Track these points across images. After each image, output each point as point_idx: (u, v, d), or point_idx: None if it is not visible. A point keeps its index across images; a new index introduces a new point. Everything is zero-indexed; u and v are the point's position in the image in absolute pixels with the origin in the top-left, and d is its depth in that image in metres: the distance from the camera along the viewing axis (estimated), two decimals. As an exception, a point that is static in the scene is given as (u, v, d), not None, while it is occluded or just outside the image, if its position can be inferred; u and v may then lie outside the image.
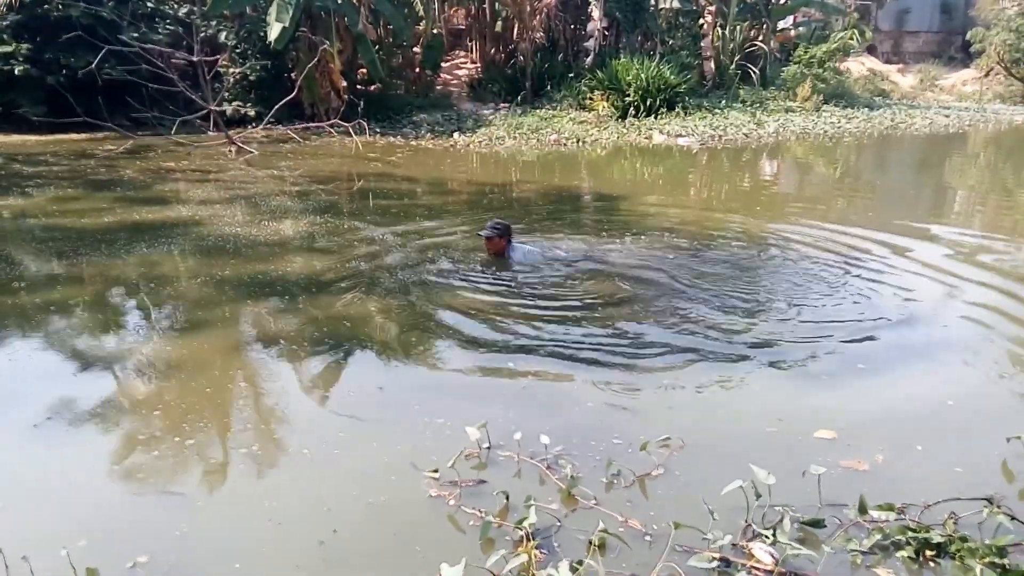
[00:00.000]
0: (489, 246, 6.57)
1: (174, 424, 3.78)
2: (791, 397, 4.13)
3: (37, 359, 4.69)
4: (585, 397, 4.08)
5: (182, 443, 3.61)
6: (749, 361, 4.55)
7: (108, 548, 2.83)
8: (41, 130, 16.00)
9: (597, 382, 4.25)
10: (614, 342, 4.82)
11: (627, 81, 18.31)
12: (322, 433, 3.74)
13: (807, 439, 3.61)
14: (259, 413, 3.97)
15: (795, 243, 7.36)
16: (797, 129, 18.23)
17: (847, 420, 3.80)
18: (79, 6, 16.04)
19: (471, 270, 6.34)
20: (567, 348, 4.71)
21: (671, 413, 3.93)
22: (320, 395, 4.21)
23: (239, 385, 4.29)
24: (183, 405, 4.00)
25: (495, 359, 4.57)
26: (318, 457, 3.50)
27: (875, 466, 3.35)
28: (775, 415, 3.86)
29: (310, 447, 3.59)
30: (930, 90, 28.48)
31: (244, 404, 4.07)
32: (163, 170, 12.13)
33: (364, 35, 17.30)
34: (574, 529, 2.90)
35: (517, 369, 4.42)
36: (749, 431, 3.73)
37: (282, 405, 4.06)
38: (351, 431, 3.76)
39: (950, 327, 5.16)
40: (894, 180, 13.13)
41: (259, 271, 6.35)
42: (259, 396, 4.18)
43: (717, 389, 4.21)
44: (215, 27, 17.89)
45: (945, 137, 18.95)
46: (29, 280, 6.14)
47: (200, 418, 3.86)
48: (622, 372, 4.39)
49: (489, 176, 12.68)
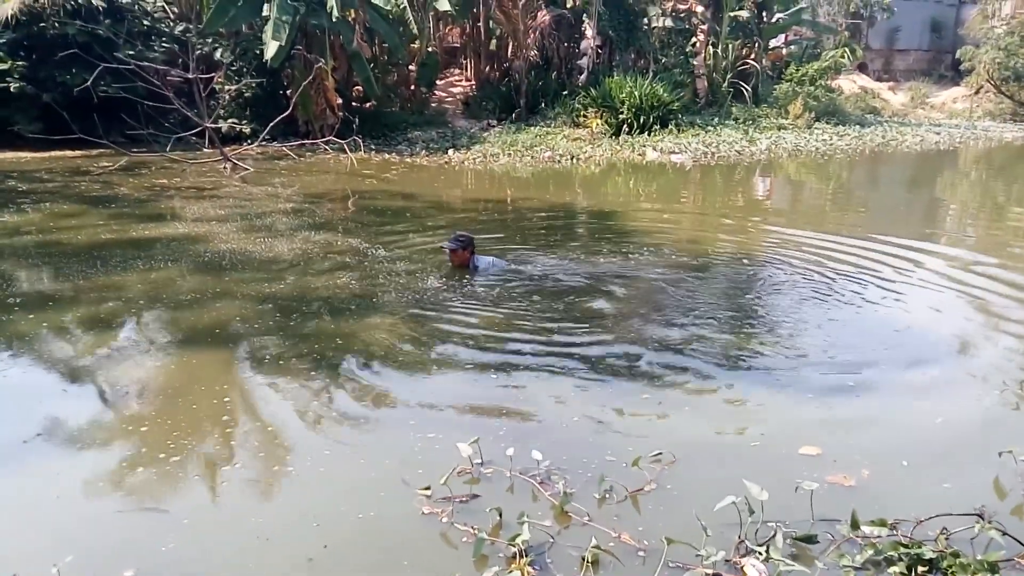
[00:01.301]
0: (453, 258, 6.76)
1: (161, 441, 3.77)
2: (777, 412, 4.14)
3: (29, 376, 4.67)
4: (574, 412, 4.08)
5: (170, 460, 3.60)
6: (737, 376, 4.58)
7: (95, 564, 2.82)
8: (36, 147, 15.97)
9: (586, 397, 4.27)
10: (603, 357, 4.84)
11: (620, 99, 18.44)
12: (310, 450, 3.74)
13: (791, 455, 3.62)
14: (247, 430, 3.96)
15: (787, 259, 7.40)
16: (789, 146, 18.36)
17: (832, 436, 3.81)
18: (75, 24, 16.09)
19: (461, 288, 6.35)
20: (556, 364, 4.72)
21: (659, 428, 3.94)
22: (309, 412, 4.19)
23: (227, 403, 4.28)
24: (170, 422, 3.99)
25: (485, 376, 4.58)
26: (307, 474, 3.50)
27: (862, 482, 3.36)
28: (759, 431, 3.87)
29: (298, 464, 3.59)
30: (921, 107, 28.74)
31: (232, 421, 4.05)
32: (158, 187, 12.14)
33: (359, 53, 17.39)
34: (567, 545, 2.90)
35: (507, 385, 4.44)
36: (735, 446, 3.74)
37: (271, 422, 4.05)
38: (340, 448, 3.76)
39: (941, 344, 5.19)
40: (886, 196, 13.23)
41: (251, 289, 6.34)
42: (247, 413, 4.17)
43: (705, 404, 4.23)
44: (211, 45, 17.95)
45: (936, 154, 19.11)
46: (23, 297, 6.12)
47: (187, 435, 3.85)
48: (611, 387, 4.42)
49: (484, 193, 12.73)
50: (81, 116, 15.00)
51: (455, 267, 6.77)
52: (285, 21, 15.52)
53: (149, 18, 18.29)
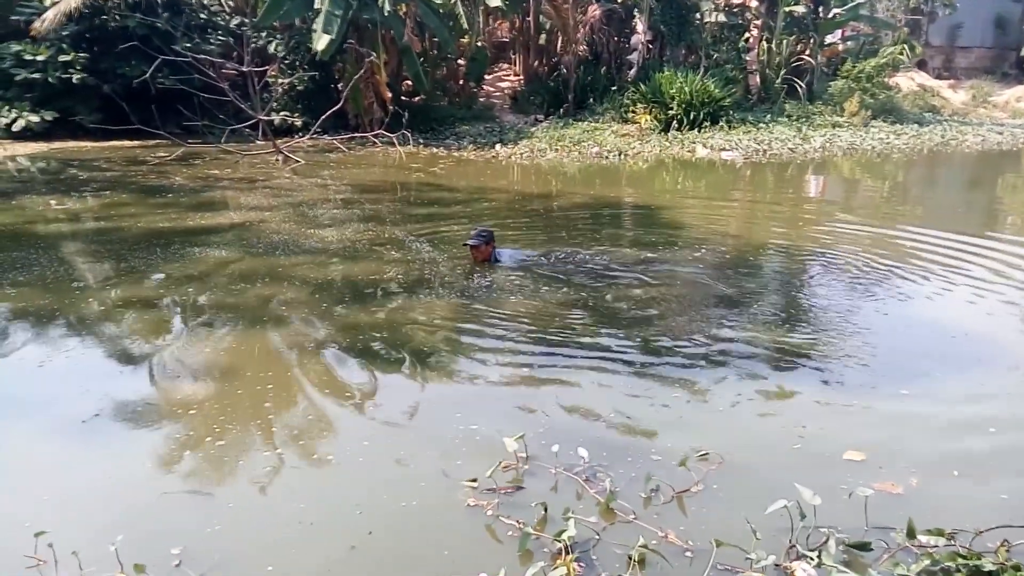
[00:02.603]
0: (475, 254, 6.70)
1: (209, 425, 3.86)
2: (822, 415, 4.03)
3: (89, 357, 4.83)
4: (619, 409, 4.04)
5: (216, 444, 3.68)
6: (783, 377, 4.49)
7: (145, 544, 2.89)
8: (96, 136, 16.49)
9: (631, 395, 4.22)
10: (649, 354, 4.78)
11: (670, 94, 18.21)
12: (353, 438, 3.79)
13: (835, 459, 3.52)
14: (291, 417, 4.03)
15: (838, 258, 7.22)
16: (844, 144, 17.92)
17: (878, 441, 3.69)
18: (135, 17, 16.55)
19: (502, 281, 6.34)
20: (600, 360, 4.69)
21: (705, 428, 3.88)
22: (353, 401, 4.25)
23: (272, 389, 4.35)
24: (218, 407, 4.09)
25: (528, 370, 4.57)
26: (349, 462, 3.55)
27: (910, 490, 3.26)
28: (802, 433, 3.78)
29: (341, 452, 3.64)
30: (983, 106, 27.74)
31: (277, 408, 4.12)
32: (212, 177, 12.40)
33: (409, 47, 17.50)
34: (613, 543, 2.87)
35: (550, 380, 4.42)
36: (781, 449, 3.66)
37: (314, 409, 4.11)
38: (382, 437, 3.79)
39: (1001, 350, 5.00)
40: (944, 196, 12.82)
41: (299, 278, 6.44)
42: (292, 400, 4.23)
43: (751, 404, 4.15)
44: (265, 38, 18.28)
45: (999, 154, 18.44)
46: (83, 281, 6.32)
47: (233, 420, 3.93)
48: (656, 385, 4.36)
49: (530, 187, 12.70)
50: (139, 107, 15.46)
51: (477, 263, 6.72)
52: (337, 15, 15.69)
53: (206, 11, 18.72)
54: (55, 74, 16.16)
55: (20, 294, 5.99)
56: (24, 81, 16.22)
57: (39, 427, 3.93)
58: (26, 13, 16.57)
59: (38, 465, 3.58)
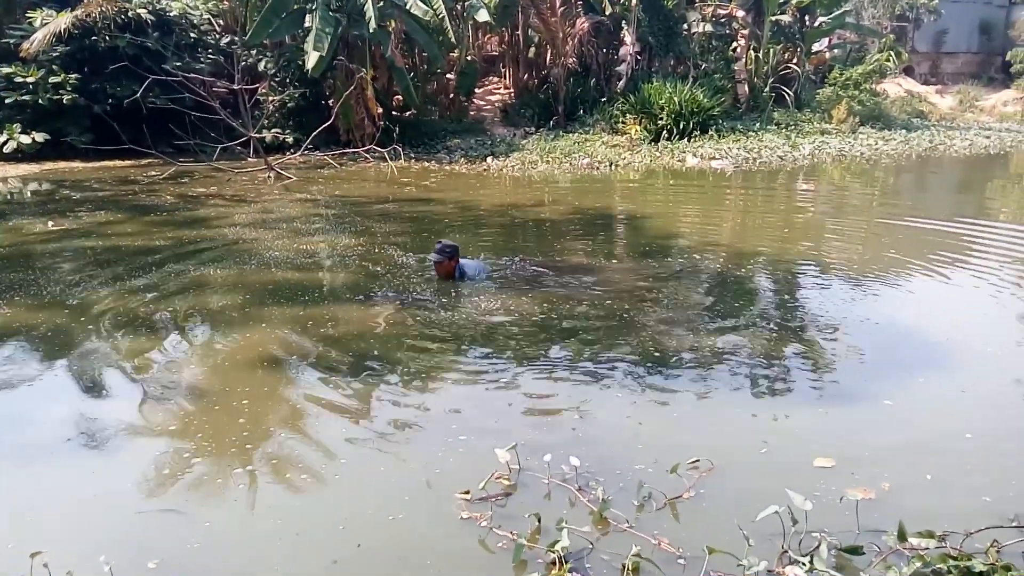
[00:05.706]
0: (439, 269, 6.53)
1: (192, 443, 3.86)
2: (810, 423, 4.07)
3: (75, 375, 4.82)
4: (609, 419, 4.06)
5: (198, 462, 3.67)
6: (768, 384, 4.53)
7: (123, 559, 2.88)
8: (87, 157, 16.49)
9: (620, 404, 4.24)
10: (636, 364, 4.81)
11: (660, 105, 18.34)
12: (340, 454, 3.78)
13: (805, 466, 3.53)
14: (277, 434, 4.02)
15: (826, 267, 7.27)
16: (833, 151, 18.04)
17: (848, 448, 3.70)
18: (125, 37, 16.59)
19: (501, 295, 6.36)
20: (589, 370, 4.71)
21: (695, 435, 3.91)
22: (340, 417, 4.24)
23: (259, 406, 4.35)
24: (203, 424, 4.09)
25: (518, 383, 4.57)
26: (335, 477, 3.55)
27: (882, 494, 3.26)
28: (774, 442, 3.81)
29: (327, 467, 3.63)
30: (970, 111, 27.98)
31: (263, 425, 4.12)
32: (204, 195, 12.41)
33: (397, 62, 17.60)
34: (607, 552, 2.88)
35: (540, 392, 4.43)
36: (767, 456, 3.68)
37: (301, 426, 4.11)
38: (370, 452, 3.79)
39: (982, 359, 5.04)
40: (933, 201, 12.91)
41: (288, 294, 6.45)
42: (278, 417, 4.23)
43: (739, 412, 4.17)
44: (255, 56, 18.35)
45: (987, 158, 18.59)
46: (77, 300, 6.31)
47: (218, 437, 3.93)
48: (644, 394, 4.39)
49: (522, 199, 12.72)
50: (130, 127, 15.46)
51: (442, 278, 6.55)
52: (327, 32, 15.77)
53: (196, 30, 18.77)
54: (46, 95, 16.16)
55: (14, 314, 5.98)
56: (15, 103, 16.23)
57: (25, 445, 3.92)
58: (16, 35, 16.60)
59: (25, 483, 3.56)
